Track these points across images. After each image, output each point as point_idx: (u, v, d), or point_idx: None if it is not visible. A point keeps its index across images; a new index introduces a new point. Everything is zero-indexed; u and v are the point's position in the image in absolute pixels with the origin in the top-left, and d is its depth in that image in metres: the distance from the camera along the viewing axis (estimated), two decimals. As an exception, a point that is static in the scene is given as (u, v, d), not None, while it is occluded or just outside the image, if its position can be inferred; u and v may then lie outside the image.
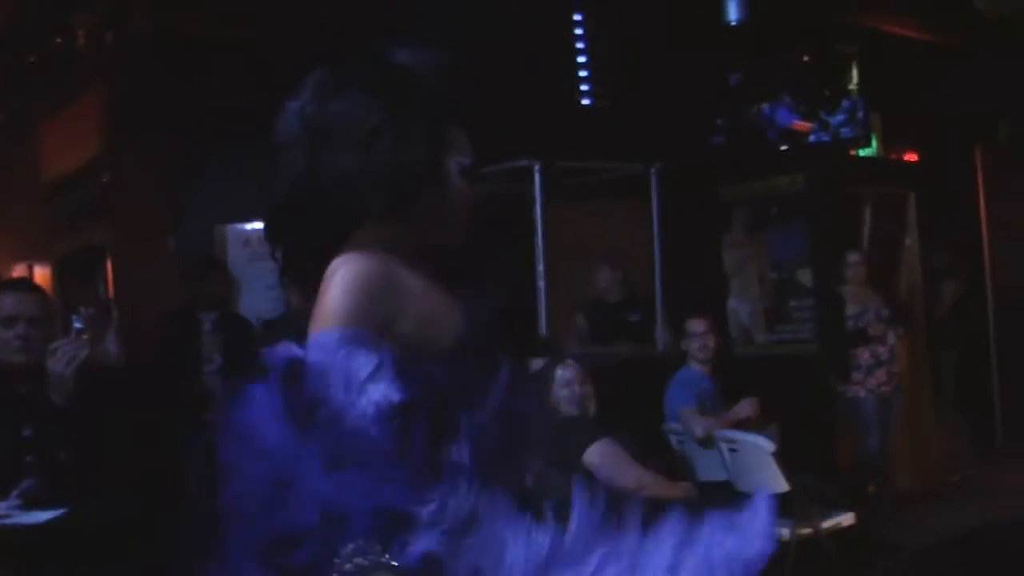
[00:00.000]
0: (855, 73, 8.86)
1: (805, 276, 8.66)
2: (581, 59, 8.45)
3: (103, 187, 7.65)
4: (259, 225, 7.49)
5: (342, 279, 1.97)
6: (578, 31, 8.42)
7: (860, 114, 8.81)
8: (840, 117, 8.84)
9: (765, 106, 8.85)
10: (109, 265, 7.63)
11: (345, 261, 1.99)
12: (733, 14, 7.57)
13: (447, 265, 2.10)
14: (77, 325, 3.87)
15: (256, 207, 7.51)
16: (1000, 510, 7.65)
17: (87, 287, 7.94)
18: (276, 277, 6.52)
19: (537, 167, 6.92)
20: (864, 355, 7.67)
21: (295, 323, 6.57)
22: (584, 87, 8.46)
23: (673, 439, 6.52)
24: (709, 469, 6.26)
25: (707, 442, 6.20)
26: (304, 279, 2.14)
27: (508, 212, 7.24)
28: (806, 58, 8.97)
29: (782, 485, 5.71)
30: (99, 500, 3.77)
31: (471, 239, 2.18)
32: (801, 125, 8.92)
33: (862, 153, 9.27)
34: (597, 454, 5.09)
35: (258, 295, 7.29)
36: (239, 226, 7.49)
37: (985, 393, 10.51)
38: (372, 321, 1.92)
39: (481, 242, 2.19)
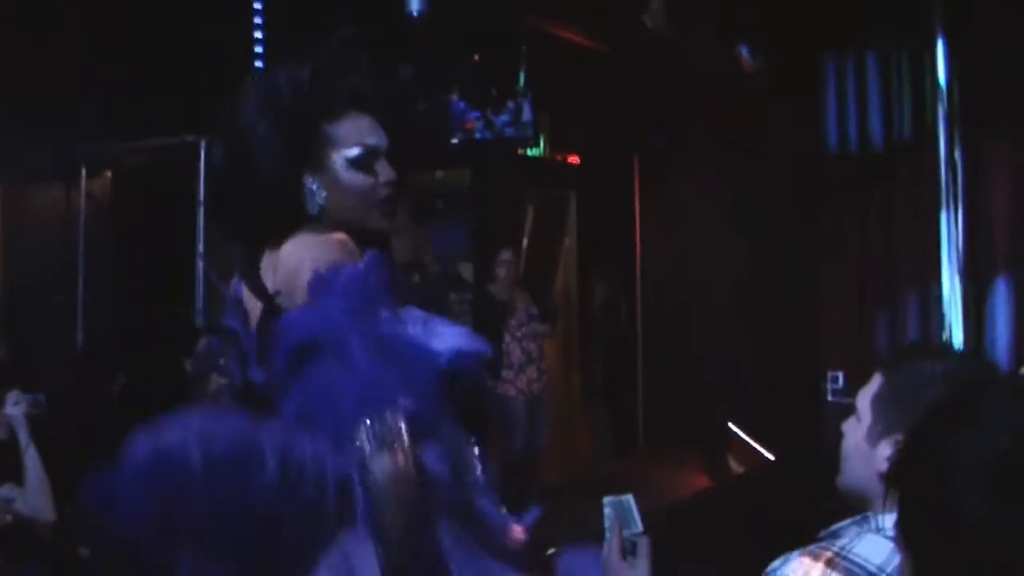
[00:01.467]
0: (522, 75, 9.03)
1: (466, 270, 8.77)
2: (257, 35, 8.23)
3: None
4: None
5: (304, 243, 2.25)
6: (256, 5, 8.19)
7: (525, 116, 8.98)
8: (505, 117, 8.99)
9: (445, 100, 8.90)
10: None
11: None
12: (415, 6, 7.54)
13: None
14: None
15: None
16: (640, 503, 7.96)
17: None
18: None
19: (203, 144, 6.69)
20: (515, 353, 7.77)
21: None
22: (258, 64, 8.25)
23: None
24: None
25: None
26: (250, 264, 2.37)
27: (174, 189, 7.00)
28: (476, 57, 9.08)
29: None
30: None
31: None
32: (468, 123, 9.03)
33: (529, 153, 9.47)
34: None
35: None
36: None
37: (630, 389, 10.97)
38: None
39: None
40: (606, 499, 2.37)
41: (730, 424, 9.87)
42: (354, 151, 2.34)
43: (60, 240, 7.50)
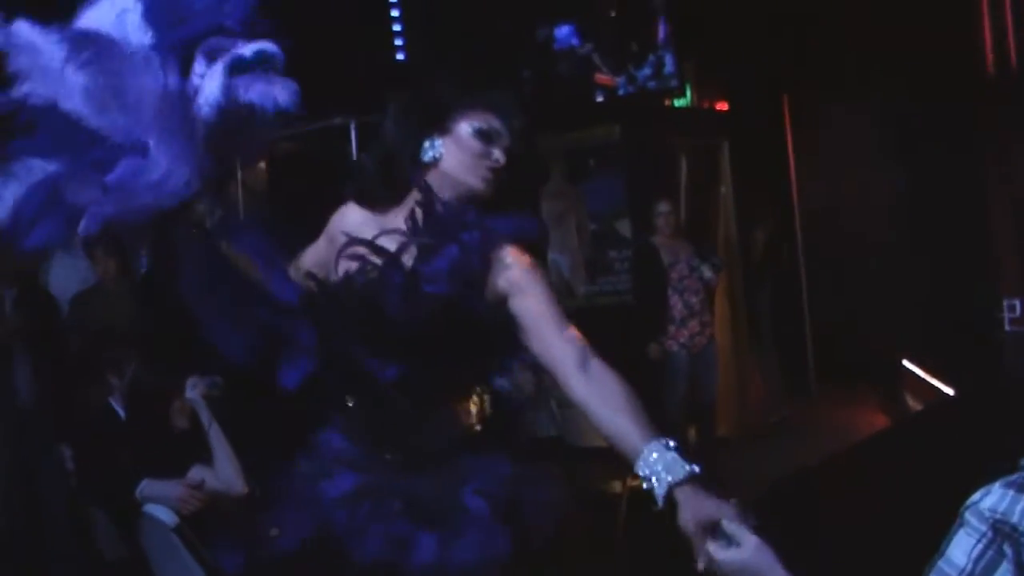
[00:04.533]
0: (661, 27, 8.92)
1: (624, 227, 8.72)
2: (394, 13, 8.32)
3: None
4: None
5: None
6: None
7: (667, 67, 8.88)
8: (646, 70, 8.90)
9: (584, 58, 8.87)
10: None
11: None
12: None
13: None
14: None
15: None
16: (818, 448, 7.88)
17: None
18: (81, 247, 6.18)
19: (353, 125, 6.79)
20: (677, 306, 7.66)
21: (106, 294, 6.21)
22: (398, 42, 8.34)
23: None
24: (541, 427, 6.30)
25: (538, 400, 6.18)
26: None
27: (327, 172, 7.10)
28: (613, 13, 9.00)
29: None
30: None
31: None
32: (606, 79, 8.96)
33: (677, 103, 9.36)
34: None
35: (61, 266, 6.95)
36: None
37: (798, 334, 10.81)
38: None
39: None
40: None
41: (904, 361, 9.65)
42: (483, 125, 2.72)
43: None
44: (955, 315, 9.61)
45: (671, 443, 2.34)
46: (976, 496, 1.89)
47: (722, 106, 10.04)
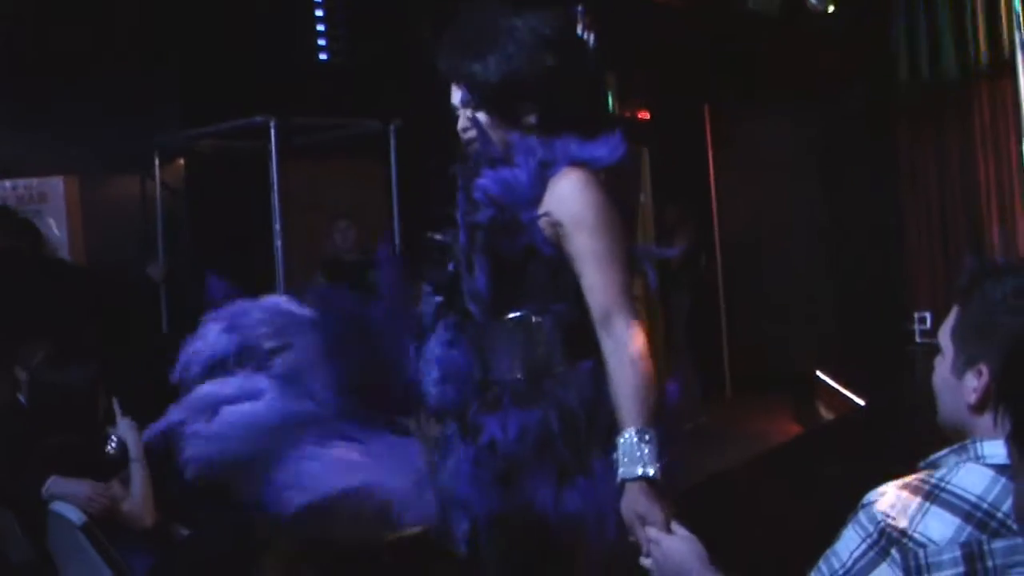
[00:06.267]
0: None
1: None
2: (318, 13, 8.26)
3: None
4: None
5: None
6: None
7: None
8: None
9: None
10: None
11: None
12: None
13: None
14: None
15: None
16: (732, 454, 7.94)
17: None
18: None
19: (272, 124, 6.72)
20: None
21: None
22: (321, 42, 8.28)
23: None
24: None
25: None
26: None
27: (246, 170, 7.05)
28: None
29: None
30: None
31: None
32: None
33: (598, 111, 9.38)
34: None
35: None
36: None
37: (715, 342, 10.89)
38: None
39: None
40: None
41: (818, 371, 9.76)
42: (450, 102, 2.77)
43: (138, 228, 7.58)
44: (868, 327, 9.74)
45: (647, 435, 2.41)
46: (873, 495, 1.92)
47: (643, 115, 10.09)
